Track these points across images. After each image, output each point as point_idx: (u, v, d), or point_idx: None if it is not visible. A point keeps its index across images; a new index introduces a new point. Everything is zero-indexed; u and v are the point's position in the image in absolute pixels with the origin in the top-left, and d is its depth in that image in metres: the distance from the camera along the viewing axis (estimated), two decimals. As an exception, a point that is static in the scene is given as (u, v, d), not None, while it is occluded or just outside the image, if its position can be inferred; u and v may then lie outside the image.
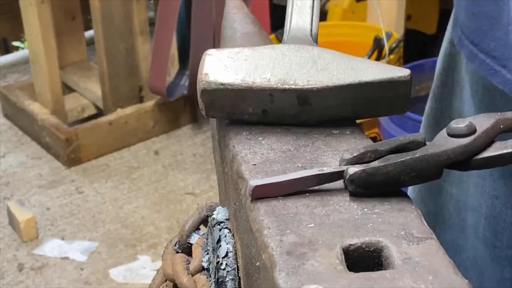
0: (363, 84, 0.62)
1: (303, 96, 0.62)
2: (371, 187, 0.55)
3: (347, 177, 0.55)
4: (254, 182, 0.55)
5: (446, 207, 1.00)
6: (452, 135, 0.57)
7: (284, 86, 0.63)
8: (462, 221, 0.98)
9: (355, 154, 0.56)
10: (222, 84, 0.63)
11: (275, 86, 0.63)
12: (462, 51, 0.87)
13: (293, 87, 0.63)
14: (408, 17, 3.14)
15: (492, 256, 0.95)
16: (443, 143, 0.57)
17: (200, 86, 0.63)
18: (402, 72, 0.63)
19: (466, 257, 0.99)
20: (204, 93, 0.63)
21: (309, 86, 0.62)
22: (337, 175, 0.56)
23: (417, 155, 0.55)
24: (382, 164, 0.55)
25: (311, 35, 0.70)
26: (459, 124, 0.58)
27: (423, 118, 1.03)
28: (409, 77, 0.63)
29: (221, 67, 0.64)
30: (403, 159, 0.55)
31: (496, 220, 0.93)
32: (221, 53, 0.65)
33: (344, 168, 0.56)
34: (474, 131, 0.57)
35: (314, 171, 0.56)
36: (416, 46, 3.20)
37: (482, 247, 0.96)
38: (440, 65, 0.98)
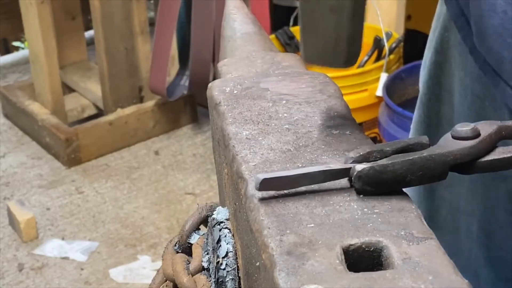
0: None
1: None
2: (378, 185, 0.55)
3: (354, 173, 0.55)
4: (262, 175, 0.55)
5: (440, 211, 1.01)
6: (457, 137, 0.58)
7: None
8: (456, 224, 0.99)
9: (361, 153, 0.56)
10: None
11: None
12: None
13: None
14: (408, 17, 3.13)
15: (486, 258, 0.96)
16: (449, 144, 0.57)
17: None
18: None
19: (461, 259, 0.99)
20: None
21: None
22: (344, 172, 0.56)
23: (424, 155, 0.56)
24: (390, 162, 0.55)
25: None
26: (464, 127, 0.58)
27: (412, 126, 1.03)
28: None
29: None
30: (411, 157, 0.55)
31: (488, 222, 0.94)
32: None
33: (351, 166, 0.56)
34: (479, 135, 0.58)
35: (322, 167, 0.56)
36: (416, 46, 3.19)
37: (476, 249, 0.96)
38: (425, 73, 0.99)
